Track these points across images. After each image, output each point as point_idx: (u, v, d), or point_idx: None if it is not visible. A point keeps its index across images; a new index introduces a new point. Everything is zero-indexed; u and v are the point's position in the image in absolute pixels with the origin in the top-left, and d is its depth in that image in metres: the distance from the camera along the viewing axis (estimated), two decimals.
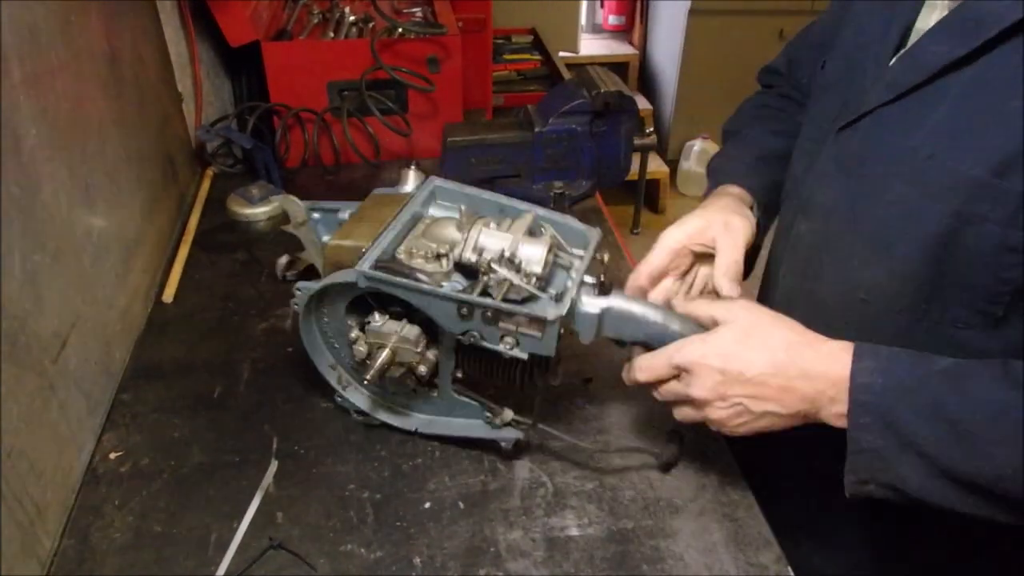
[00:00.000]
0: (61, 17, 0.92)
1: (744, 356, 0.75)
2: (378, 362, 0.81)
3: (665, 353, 0.79)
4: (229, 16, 1.45)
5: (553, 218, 0.87)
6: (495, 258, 0.78)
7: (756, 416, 0.76)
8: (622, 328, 0.81)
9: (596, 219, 1.35)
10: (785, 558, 0.80)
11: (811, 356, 0.74)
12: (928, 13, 0.79)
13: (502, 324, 0.78)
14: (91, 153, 0.98)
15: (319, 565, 0.78)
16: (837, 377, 0.72)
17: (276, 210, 1.37)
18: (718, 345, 0.76)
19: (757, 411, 0.75)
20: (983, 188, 0.71)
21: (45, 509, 0.79)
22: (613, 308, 0.80)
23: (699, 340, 0.77)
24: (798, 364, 0.74)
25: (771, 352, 0.75)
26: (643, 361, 0.80)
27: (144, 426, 0.94)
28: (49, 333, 0.83)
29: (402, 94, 1.53)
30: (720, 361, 0.75)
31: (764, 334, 0.77)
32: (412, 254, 0.82)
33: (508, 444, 0.87)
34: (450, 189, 0.90)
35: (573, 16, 3.70)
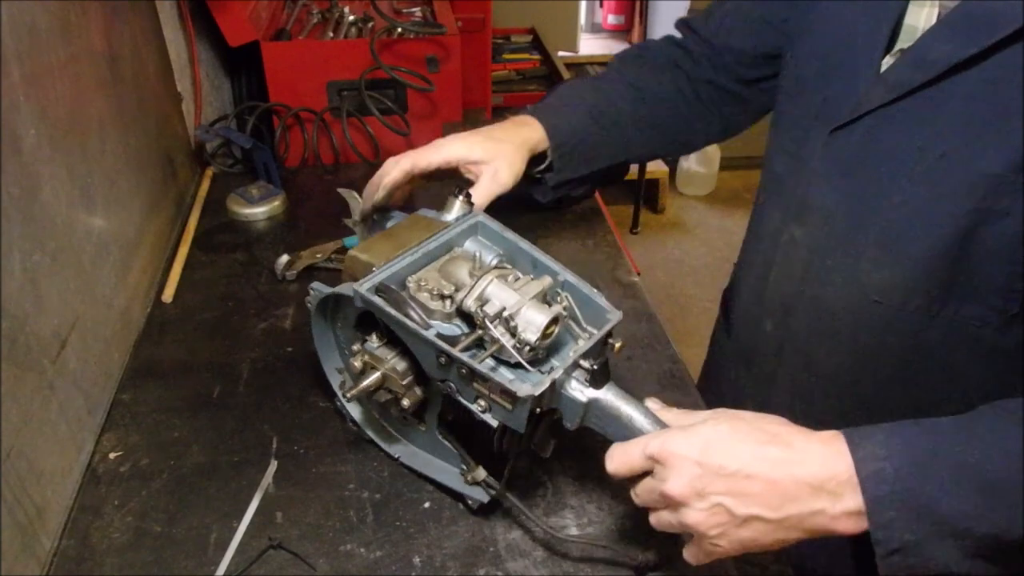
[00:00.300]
0: (60, 17, 0.92)
1: (726, 446, 0.66)
2: (365, 382, 0.79)
3: (640, 442, 0.69)
4: (228, 16, 1.45)
5: (579, 289, 0.79)
6: (492, 315, 0.73)
7: (739, 521, 0.64)
8: (606, 425, 0.74)
9: (596, 218, 1.35)
10: (785, 558, 0.80)
11: (802, 444, 0.65)
12: (917, 11, 0.78)
13: (476, 385, 0.72)
14: (90, 153, 0.98)
15: (318, 565, 0.78)
16: (836, 470, 0.63)
17: (275, 210, 1.37)
18: (698, 434, 0.67)
19: (740, 514, 0.64)
20: (1003, 183, 0.72)
21: (45, 509, 0.79)
22: (601, 401, 0.73)
23: (679, 430, 0.68)
24: (788, 454, 0.64)
25: (757, 443, 0.65)
26: (616, 449, 0.71)
27: (144, 426, 0.94)
28: (49, 333, 0.83)
29: (401, 94, 1.53)
30: (698, 452, 0.65)
31: (750, 426, 0.68)
32: (420, 286, 0.80)
33: (474, 504, 0.82)
34: (491, 228, 0.85)
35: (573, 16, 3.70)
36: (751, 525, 0.64)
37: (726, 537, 0.65)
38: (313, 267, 1.21)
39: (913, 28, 0.79)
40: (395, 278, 0.79)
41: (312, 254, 1.22)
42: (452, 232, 0.84)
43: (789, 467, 0.63)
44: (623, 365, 1.02)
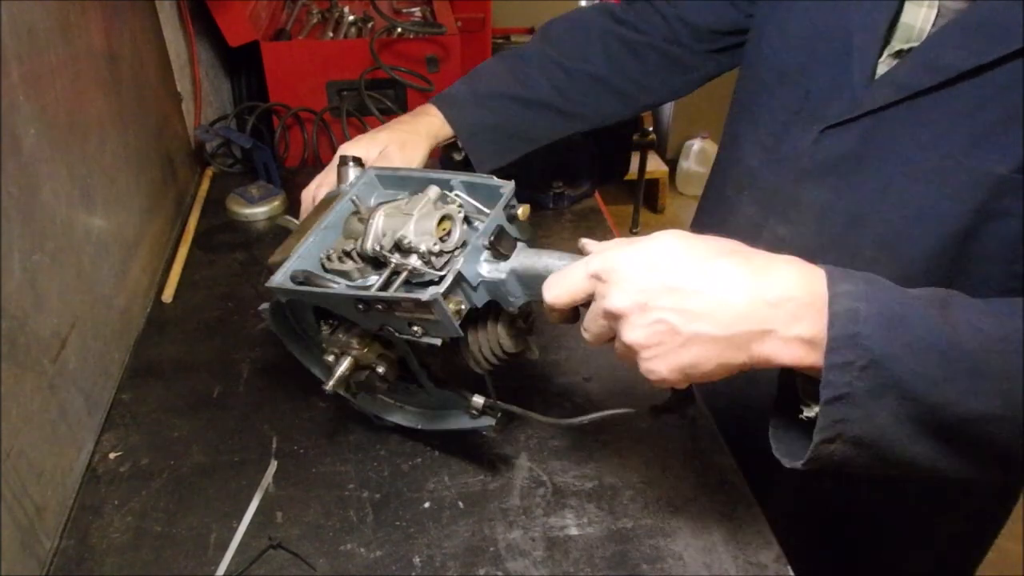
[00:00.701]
0: (60, 17, 0.92)
1: (674, 259, 0.59)
2: (339, 371, 0.78)
3: (581, 262, 0.63)
4: (228, 16, 1.45)
5: (473, 181, 0.77)
6: (390, 246, 0.72)
7: (682, 340, 0.58)
8: (536, 289, 0.68)
9: (595, 218, 1.35)
10: (785, 557, 0.80)
11: (763, 261, 0.60)
12: (915, 10, 0.77)
13: (399, 313, 0.70)
14: (90, 153, 0.98)
15: (319, 565, 0.78)
16: (804, 292, 0.57)
17: (275, 210, 1.37)
18: (644, 248, 0.61)
19: (685, 332, 0.58)
20: (1006, 184, 0.72)
21: (44, 509, 0.79)
22: (517, 269, 0.70)
23: (622, 245, 0.62)
24: (745, 268, 0.58)
25: (710, 255, 0.59)
26: (554, 276, 0.65)
27: (144, 426, 0.94)
28: (48, 333, 0.83)
29: (401, 94, 1.53)
30: (643, 264, 0.59)
31: (704, 240, 0.61)
32: (331, 257, 0.79)
33: (489, 432, 0.80)
34: (386, 176, 0.85)
35: None
36: (694, 344, 0.58)
37: (665, 359, 0.59)
38: None
39: (910, 27, 0.78)
40: (308, 262, 0.79)
41: None
42: (348, 197, 0.84)
43: (745, 281, 0.58)
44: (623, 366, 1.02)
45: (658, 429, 0.93)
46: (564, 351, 1.04)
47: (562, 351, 1.04)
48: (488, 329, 0.76)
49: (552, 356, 1.03)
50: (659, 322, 0.58)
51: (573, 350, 1.04)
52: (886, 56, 0.80)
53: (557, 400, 0.97)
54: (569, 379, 1.00)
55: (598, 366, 1.02)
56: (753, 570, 0.78)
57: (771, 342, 0.57)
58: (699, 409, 0.96)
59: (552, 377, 1.00)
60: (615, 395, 0.98)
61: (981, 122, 0.73)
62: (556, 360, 1.03)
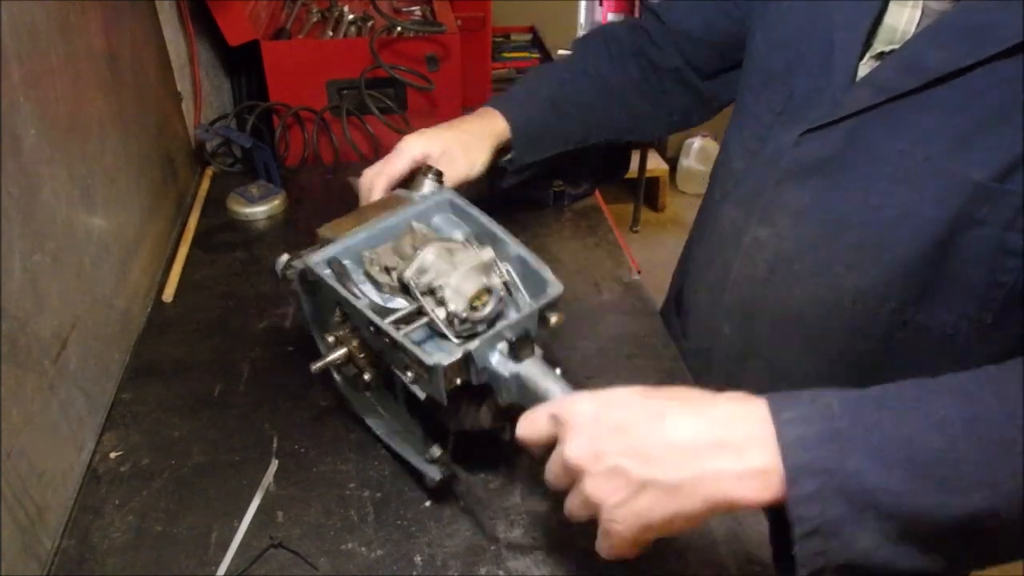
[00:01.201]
0: (60, 17, 0.92)
1: (626, 403, 0.60)
2: (330, 356, 0.78)
3: (547, 404, 0.65)
4: (228, 15, 1.45)
5: (528, 261, 0.77)
6: (424, 285, 0.73)
7: (636, 487, 0.57)
8: (528, 402, 0.69)
9: (596, 216, 1.35)
10: None
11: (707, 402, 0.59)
12: (899, 11, 0.77)
13: (400, 355, 0.71)
14: (90, 153, 0.98)
15: (320, 564, 0.78)
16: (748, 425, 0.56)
17: (275, 209, 1.37)
18: (602, 394, 0.62)
19: (636, 477, 0.57)
20: (983, 191, 0.71)
21: (45, 509, 0.79)
22: (522, 376, 0.70)
23: (586, 392, 0.63)
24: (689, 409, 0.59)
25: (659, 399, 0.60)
26: (525, 414, 0.66)
27: (144, 426, 0.94)
28: (49, 333, 0.83)
29: (401, 93, 1.53)
30: (597, 409, 0.60)
31: (656, 390, 0.62)
32: (373, 261, 0.79)
33: (430, 482, 0.81)
34: (459, 205, 0.84)
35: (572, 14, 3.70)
36: (647, 493, 0.57)
37: (624, 510, 0.58)
38: None
39: (893, 29, 0.77)
40: (350, 253, 0.80)
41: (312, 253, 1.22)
42: (415, 209, 0.84)
43: (690, 423, 0.57)
44: (624, 364, 1.02)
45: None
46: (565, 351, 1.04)
47: (563, 351, 1.04)
48: (472, 400, 0.76)
49: (551, 355, 1.03)
50: (614, 470, 0.57)
51: (574, 350, 1.04)
52: (868, 58, 0.79)
53: None
54: (569, 378, 1.00)
55: (598, 365, 1.02)
56: (753, 569, 0.78)
57: (725, 481, 0.56)
58: None
59: None
60: None
61: (960, 126, 0.72)
62: (556, 360, 1.03)
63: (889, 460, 0.53)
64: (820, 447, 0.54)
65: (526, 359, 0.70)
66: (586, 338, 1.06)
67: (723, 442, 0.56)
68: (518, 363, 0.70)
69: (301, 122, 1.51)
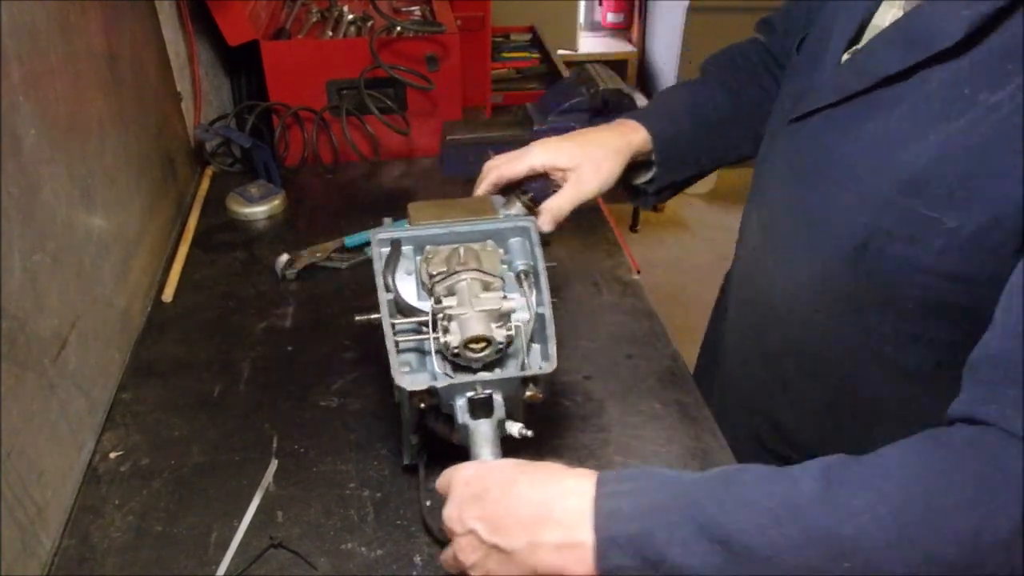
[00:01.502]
0: (60, 18, 0.92)
1: (493, 473, 0.65)
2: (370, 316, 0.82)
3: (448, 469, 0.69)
4: (228, 15, 1.45)
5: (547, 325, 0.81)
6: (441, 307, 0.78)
7: (486, 551, 0.61)
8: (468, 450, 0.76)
9: (595, 217, 1.35)
10: None
11: (555, 475, 0.63)
12: (885, 10, 0.77)
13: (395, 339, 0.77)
14: (90, 153, 0.98)
15: (319, 564, 0.78)
16: (573, 501, 0.59)
17: (275, 209, 1.37)
18: (482, 464, 0.68)
19: (487, 542, 0.61)
20: (890, 204, 0.70)
21: (45, 509, 0.79)
22: (469, 430, 0.75)
23: (476, 462, 0.69)
24: (533, 480, 0.62)
25: (518, 472, 0.64)
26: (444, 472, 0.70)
27: (144, 425, 0.94)
28: (49, 333, 0.83)
29: (401, 92, 1.53)
30: (469, 476, 0.65)
31: (520, 463, 0.66)
32: (428, 259, 0.83)
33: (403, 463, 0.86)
34: (532, 239, 0.86)
35: (572, 14, 3.70)
36: (493, 558, 0.61)
37: (478, 570, 0.62)
38: (313, 266, 1.21)
39: (877, 27, 0.77)
40: (417, 241, 0.85)
41: (312, 253, 1.23)
42: (494, 225, 0.86)
43: (530, 493, 0.61)
44: (624, 364, 1.03)
45: (660, 427, 0.93)
46: (564, 350, 1.04)
47: (562, 350, 1.04)
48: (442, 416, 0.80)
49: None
50: (471, 533, 0.61)
51: (573, 348, 1.04)
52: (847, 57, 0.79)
53: (556, 399, 0.97)
54: (569, 377, 1.00)
55: (598, 365, 1.02)
56: None
57: (549, 553, 0.58)
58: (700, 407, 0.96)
59: (551, 375, 0.99)
60: (615, 394, 0.98)
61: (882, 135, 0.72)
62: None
63: (698, 542, 0.54)
64: (632, 521, 0.56)
65: (480, 419, 0.74)
66: (586, 338, 1.07)
67: (553, 516, 0.59)
68: (473, 419, 0.74)
69: (301, 122, 1.51)
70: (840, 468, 0.55)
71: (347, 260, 1.23)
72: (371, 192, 1.47)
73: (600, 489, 0.59)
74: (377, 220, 0.94)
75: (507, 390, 0.76)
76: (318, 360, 1.04)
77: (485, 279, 0.81)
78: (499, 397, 0.76)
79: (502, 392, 0.76)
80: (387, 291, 0.81)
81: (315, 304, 1.15)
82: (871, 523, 0.52)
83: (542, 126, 1.23)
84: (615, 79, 1.27)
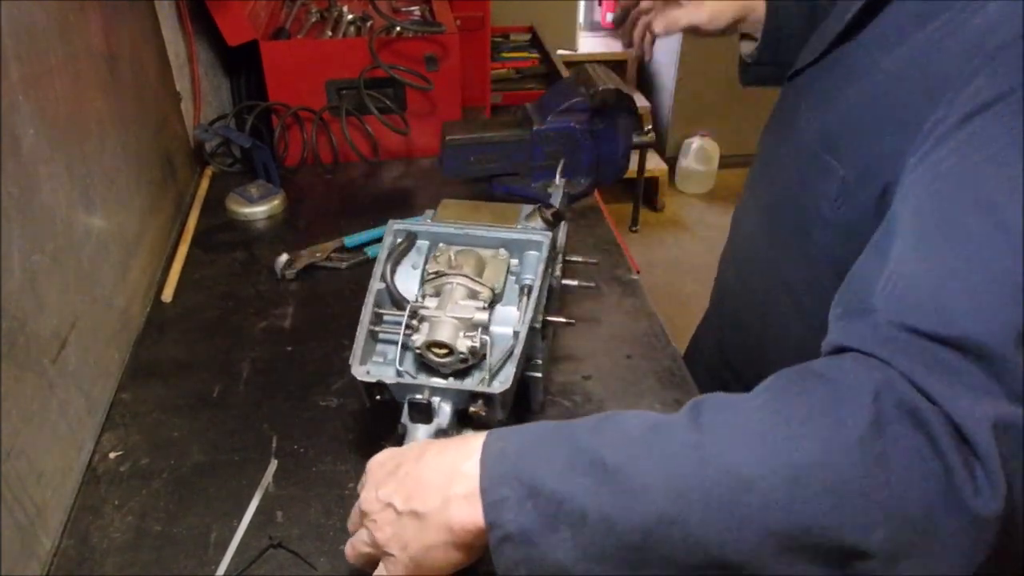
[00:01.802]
0: (59, 17, 0.92)
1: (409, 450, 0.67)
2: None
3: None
4: (227, 15, 1.45)
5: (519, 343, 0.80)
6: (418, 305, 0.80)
7: (403, 521, 0.62)
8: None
9: (595, 216, 1.35)
10: None
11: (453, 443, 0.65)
12: None
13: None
14: (90, 153, 0.98)
15: (319, 564, 0.78)
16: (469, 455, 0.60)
17: (275, 209, 1.37)
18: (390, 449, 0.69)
19: (402, 511, 0.62)
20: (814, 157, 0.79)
21: (45, 509, 0.79)
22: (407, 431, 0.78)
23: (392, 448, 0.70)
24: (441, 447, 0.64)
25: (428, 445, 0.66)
26: None
27: (143, 426, 0.94)
28: (48, 333, 0.83)
29: (400, 93, 1.53)
30: (386, 456, 0.68)
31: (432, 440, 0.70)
32: (436, 258, 0.85)
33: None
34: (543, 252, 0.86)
35: (571, 14, 3.70)
36: (409, 525, 0.61)
37: (394, 542, 0.62)
38: (313, 266, 1.21)
39: None
40: (431, 237, 0.88)
41: (312, 253, 1.23)
42: (504, 234, 0.87)
43: (439, 459, 0.63)
44: (623, 364, 1.03)
45: None
46: (564, 349, 1.04)
47: (562, 349, 1.04)
48: None
49: (552, 354, 1.03)
50: (388, 507, 0.62)
51: (573, 348, 1.04)
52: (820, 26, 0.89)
53: (556, 398, 0.97)
54: (568, 377, 1.00)
55: (597, 365, 1.02)
56: None
57: (454, 507, 0.59)
58: None
59: (551, 375, 1.00)
60: (614, 394, 0.98)
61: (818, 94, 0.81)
62: (555, 358, 1.03)
63: (575, 468, 0.56)
64: (514, 459, 0.58)
65: (417, 423, 0.76)
66: (585, 338, 1.07)
67: (460, 471, 0.60)
68: (412, 422, 0.77)
69: (300, 122, 1.51)
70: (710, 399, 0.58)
71: (347, 260, 1.23)
72: (371, 192, 1.47)
73: (489, 438, 0.61)
74: (377, 220, 0.95)
75: (458, 402, 0.77)
76: (318, 360, 1.04)
77: (473, 287, 0.81)
78: (447, 407, 0.76)
79: (452, 402, 0.76)
80: (380, 280, 0.82)
81: (315, 304, 1.15)
82: (734, 438, 0.54)
83: (541, 126, 1.23)
84: (615, 79, 1.27)
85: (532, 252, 0.87)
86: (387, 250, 0.85)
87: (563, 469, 0.56)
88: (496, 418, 0.76)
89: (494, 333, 0.81)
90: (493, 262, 0.85)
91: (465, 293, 0.81)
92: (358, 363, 0.79)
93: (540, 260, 0.85)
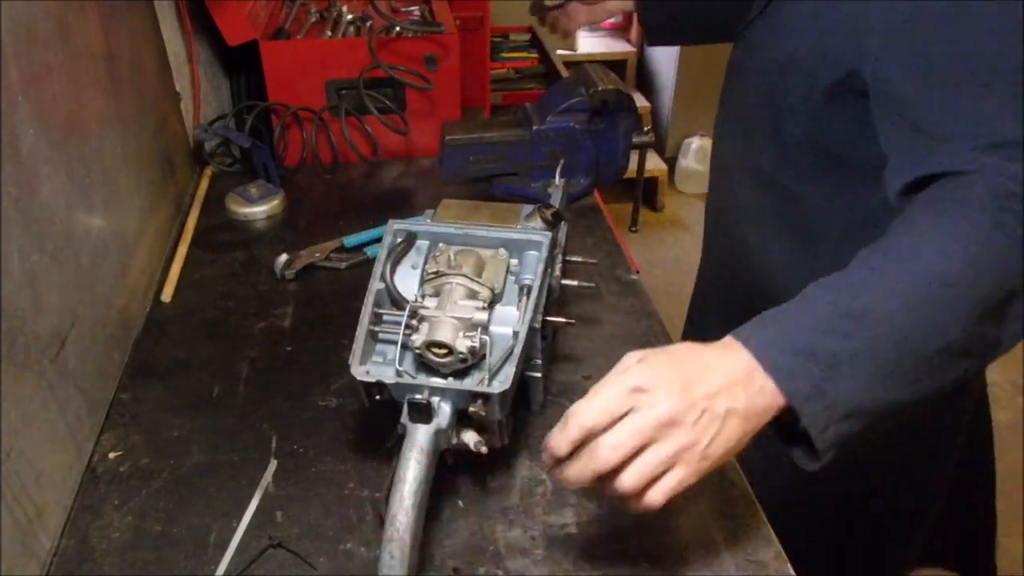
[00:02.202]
0: (58, 17, 0.92)
1: (682, 358, 0.67)
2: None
3: (606, 383, 0.67)
4: (227, 15, 1.45)
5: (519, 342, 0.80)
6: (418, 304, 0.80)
7: (721, 418, 0.64)
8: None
9: (594, 216, 1.35)
10: (785, 555, 0.80)
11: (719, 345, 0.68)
12: None
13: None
14: (89, 153, 0.98)
15: (319, 564, 0.78)
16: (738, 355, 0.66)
17: (274, 209, 1.37)
18: (656, 358, 0.67)
19: (720, 411, 0.64)
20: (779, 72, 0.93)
21: (44, 509, 0.79)
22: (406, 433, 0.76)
23: (632, 360, 0.68)
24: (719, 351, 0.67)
25: (692, 350, 0.68)
26: (584, 403, 0.67)
27: (143, 426, 0.94)
28: (48, 333, 0.83)
29: (400, 93, 1.53)
30: (670, 361, 0.66)
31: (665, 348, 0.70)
32: (435, 258, 0.85)
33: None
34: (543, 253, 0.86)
35: None
36: (730, 421, 0.64)
37: (716, 442, 0.64)
38: (312, 266, 1.21)
39: None
40: (431, 237, 0.88)
41: (311, 253, 1.23)
42: (504, 234, 0.87)
43: (723, 361, 0.66)
44: None
45: None
46: (564, 348, 1.04)
47: (562, 349, 1.04)
48: None
49: (552, 354, 1.03)
50: (704, 412, 0.64)
51: (573, 348, 1.04)
52: None
53: (556, 398, 0.96)
54: (568, 377, 1.00)
55: (597, 365, 1.02)
56: (753, 568, 0.78)
57: (762, 398, 0.64)
58: None
59: (551, 375, 1.00)
60: None
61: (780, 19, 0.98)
62: (555, 358, 1.03)
63: (832, 325, 0.65)
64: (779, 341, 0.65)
65: (417, 423, 0.75)
66: (585, 338, 1.07)
67: (750, 369, 0.65)
68: (411, 423, 0.75)
69: (300, 122, 1.51)
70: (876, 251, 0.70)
71: (346, 260, 1.23)
72: (370, 192, 1.47)
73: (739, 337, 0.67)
74: (376, 220, 0.95)
75: (458, 402, 0.76)
76: (317, 360, 1.04)
77: (473, 287, 0.81)
78: (447, 407, 0.76)
79: (452, 403, 0.76)
80: (380, 280, 0.83)
81: (314, 304, 1.15)
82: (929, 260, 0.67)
83: (541, 126, 1.23)
84: (614, 79, 1.27)
85: (532, 252, 0.87)
86: (387, 250, 0.85)
87: (825, 330, 0.64)
88: (496, 418, 0.76)
89: (494, 333, 0.81)
90: (493, 262, 0.85)
91: (465, 293, 0.81)
92: (357, 363, 0.79)
93: (540, 260, 0.85)
